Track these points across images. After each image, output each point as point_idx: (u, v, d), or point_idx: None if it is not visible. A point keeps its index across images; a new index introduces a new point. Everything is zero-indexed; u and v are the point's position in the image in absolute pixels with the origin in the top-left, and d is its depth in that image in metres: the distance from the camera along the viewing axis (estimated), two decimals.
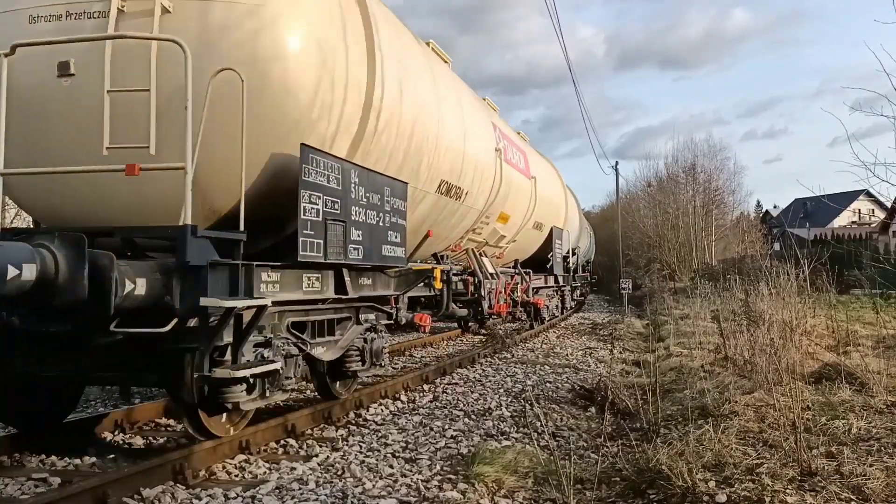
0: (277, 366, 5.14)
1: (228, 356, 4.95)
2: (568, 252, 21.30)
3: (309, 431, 6.44)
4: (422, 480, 4.86)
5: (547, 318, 18.67)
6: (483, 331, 16.45)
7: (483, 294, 12.06)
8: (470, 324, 16.17)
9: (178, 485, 4.72)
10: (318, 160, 5.45)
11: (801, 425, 4.66)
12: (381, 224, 6.74)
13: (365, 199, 6.36)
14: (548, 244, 18.19)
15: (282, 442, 5.99)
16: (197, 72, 4.58)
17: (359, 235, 6.24)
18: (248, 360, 5.01)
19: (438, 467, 5.23)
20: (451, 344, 14.68)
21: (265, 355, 5.18)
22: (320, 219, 5.49)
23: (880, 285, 14.24)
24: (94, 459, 5.42)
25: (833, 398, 6.06)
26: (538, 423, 6.37)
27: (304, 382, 9.30)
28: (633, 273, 37.67)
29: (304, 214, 5.30)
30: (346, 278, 6.41)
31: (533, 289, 16.81)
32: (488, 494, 4.55)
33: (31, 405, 5.66)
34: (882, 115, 6.49)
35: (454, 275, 11.01)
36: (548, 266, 18.75)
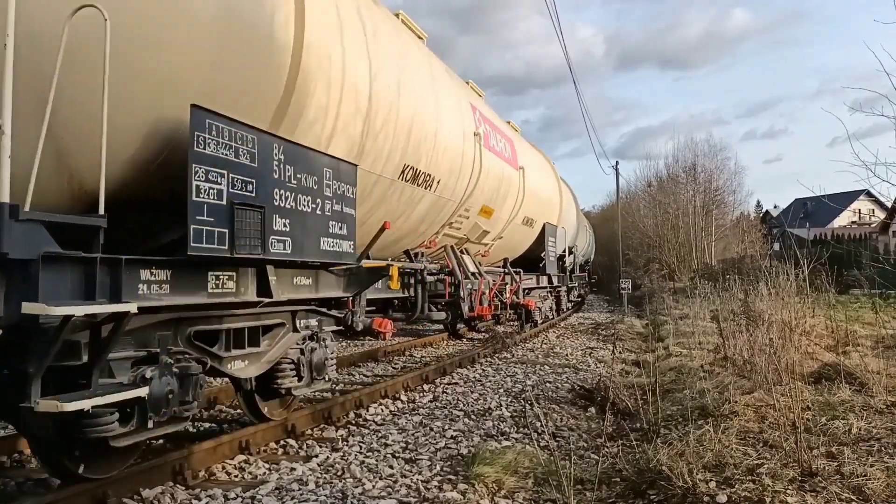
0: (137, 393, 4.00)
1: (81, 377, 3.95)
2: (564, 251, 20.57)
3: (309, 431, 6.44)
4: (422, 481, 4.86)
5: (539, 321, 17.54)
6: (474, 334, 15.96)
7: (462, 295, 11.13)
8: (459, 326, 15.61)
9: (177, 485, 4.73)
10: (220, 128, 4.36)
11: (801, 425, 4.66)
12: (318, 212, 5.54)
13: (295, 182, 5.20)
14: (540, 242, 17.22)
15: (281, 442, 5.99)
16: (44, 5, 3.57)
17: (285, 225, 5.08)
18: (121, 383, 4.08)
19: (438, 468, 5.23)
20: (451, 344, 14.68)
21: (147, 375, 4.20)
22: (224, 202, 4.39)
23: (880, 285, 14.24)
24: None
25: (833, 398, 6.06)
26: (538, 424, 6.37)
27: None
28: (632, 273, 37.70)
29: (197, 196, 4.19)
30: (271, 278, 5.32)
31: (524, 289, 15.95)
32: (488, 495, 4.55)
33: None
34: (882, 114, 6.50)
35: (430, 274, 10.14)
36: (540, 265, 17.83)
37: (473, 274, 11.89)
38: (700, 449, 4.53)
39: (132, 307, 3.82)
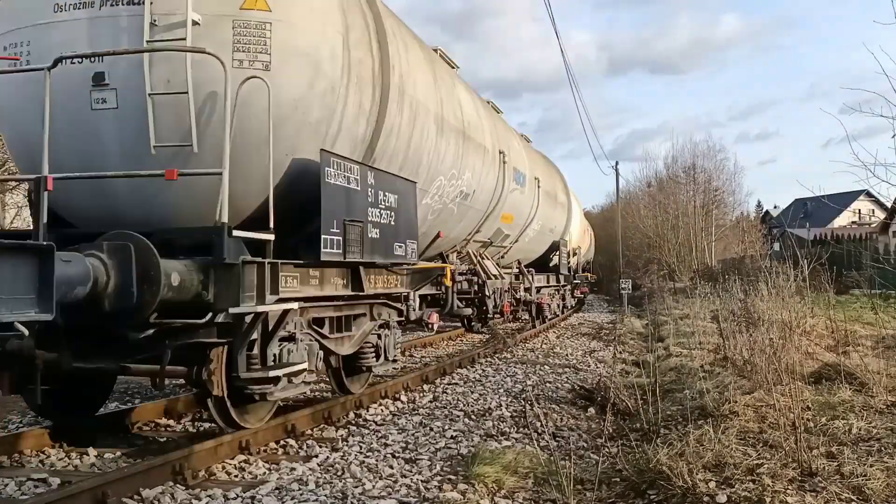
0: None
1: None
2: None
3: (309, 431, 6.43)
4: (422, 481, 4.86)
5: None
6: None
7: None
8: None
9: (177, 485, 4.72)
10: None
11: (801, 425, 4.66)
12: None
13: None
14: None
15: (281, 442, 5.99)
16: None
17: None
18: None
19: (438, 468, 5.23)
20: (452, 344, 14.69)
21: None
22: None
23: (880, 285, 14.25)
24: (93, 459, 5.43)
25: (833, 398, 6.06)
26: (538, 424, 6.37)
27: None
28: (632, 273, 37.70)
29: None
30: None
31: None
32: (488, 495, 4.55)
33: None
34: (881, 115, 6.49)
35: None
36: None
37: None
38: (700, 449, 4.53)
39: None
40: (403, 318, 8.08)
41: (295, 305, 5.38)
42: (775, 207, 74.00)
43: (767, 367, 6.60)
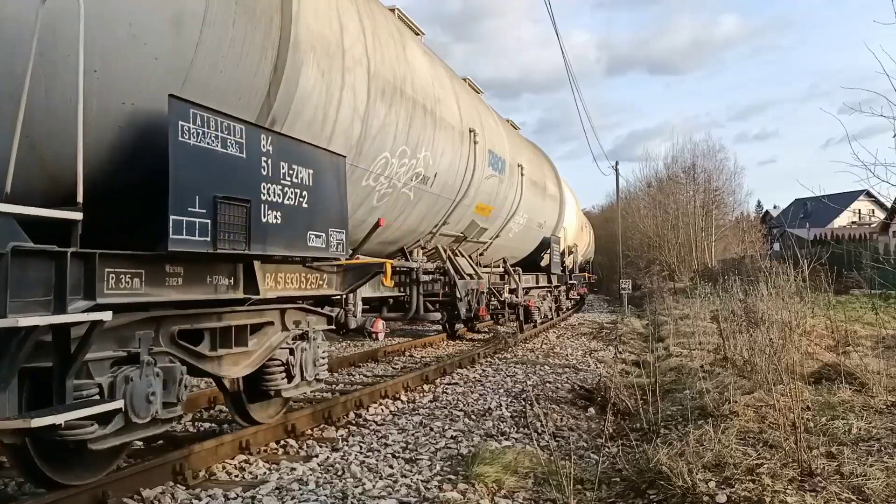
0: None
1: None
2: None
3: (309, 431, 6.44)
4: (422, 481, 4.86)
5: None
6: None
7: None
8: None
9: (178, 485, 4.73)
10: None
11: (801, 425, 4.66)
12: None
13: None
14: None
15: (282, 442, 5.99)
16: None
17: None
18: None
19: (438, 467, 5.23)
20: (452, 344, 14.68)
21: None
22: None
23: (880, 285, 14.25)
24: None
25: (833, 398, 6.06)
26: (538, 424, 6.38)
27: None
28: (632, 273, 37.72)
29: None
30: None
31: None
32: (488, 495, 4.55)
33: None
34: (882, 115, 6.50)
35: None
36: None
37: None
38: (700, 449, 4.53)
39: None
40: (334, 327, 6.80)
41: (106, 315, 3.64)
42: (775, 207, 74.06)
43: (767, 367, 6.60)
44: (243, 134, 4.57)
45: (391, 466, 5.26)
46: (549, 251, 17.55)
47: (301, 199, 5.19)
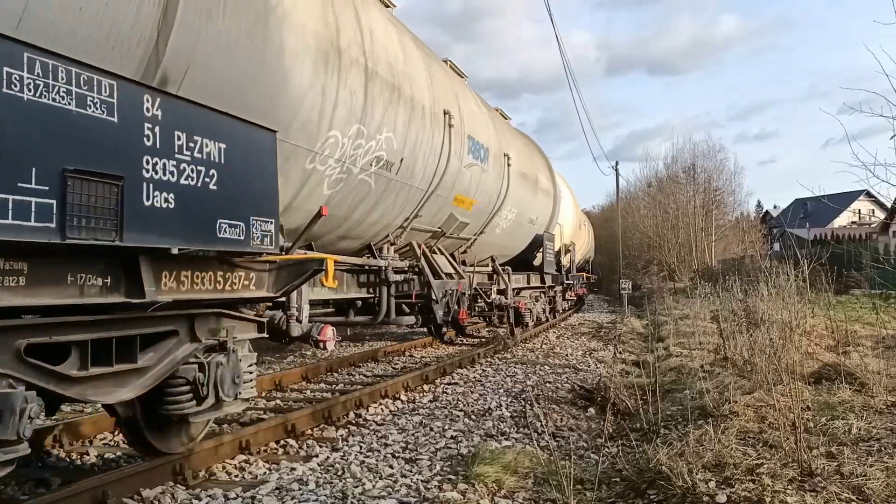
0: None
1: None
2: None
3: (309, 431, 6.44)
4: (422, 481, 4.86)
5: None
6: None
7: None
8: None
9: (178, 485, 4.73)
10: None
11: (801, 425, 4.66)
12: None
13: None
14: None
15: (282, 442, 6.00)
16: None
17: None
18: None
19: (438, 467, 5.23)
20: (451, 344, 14.67)
21: None
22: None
23: (880, 285, 14.26)
24: (94, 459, 5.43)
25: (833, 398, 6.06)
26: (538, 424, 6.37)
27: (303, 382, 9.32)
28: (632, 273, 37.73)
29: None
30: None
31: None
32: (488, 495, 4.55)
33: None
34: (881, 115, 6.50)
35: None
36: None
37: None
38: (700, 449, 4.53)
39: None
40: (268, 335, 5.65)
41: None
42: (775, 207, 74.08)
43: (767, 368, 6.60)
44: (114, 91, 3.55)
45: (391, 466, 5.26)
46: (542, 249, 16.58)
47: (207, 180, 4.10)
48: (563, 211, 19.91)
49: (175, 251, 3.89)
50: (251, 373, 5.04)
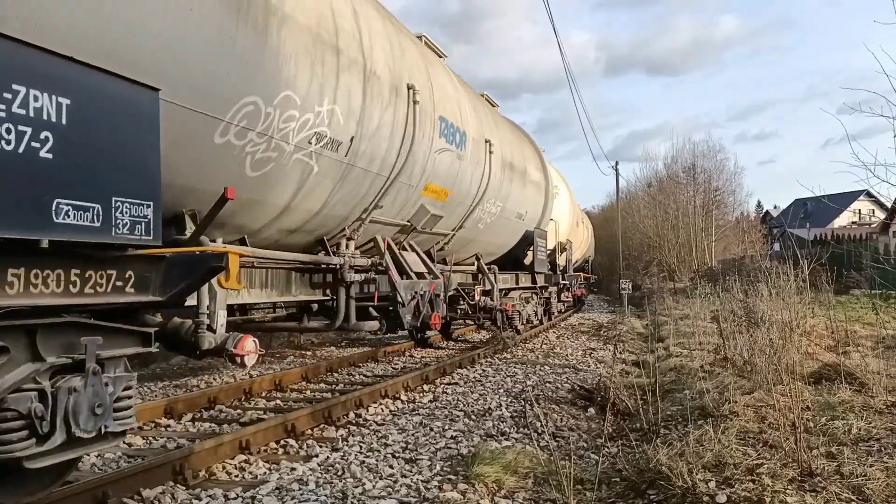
0: None
1: None
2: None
3: (309, 431, 6.44)
4: (422, 481, 4.86)
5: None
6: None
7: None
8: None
9: (178, 485, 4.73)
10: None
11: (801, 425, 4.66)
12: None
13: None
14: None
15: (282, 442, 6.00)
16: None
17: None
18: None
19: (438, 468, 5.23)
20: (452, 345, 14.68)
21: None
22: None
23: (880, 285, 14.26)
24: (94, 459, 5.43)
25: (833, 398, 6.06)
26: (538, 424, 6.38)
27: (303, 382, 9.31)
28: (632, 274, 37.75)
29: None
30: None
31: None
32: (488, 495, 4.55)
33: None
34: (881, 115, 6.50)
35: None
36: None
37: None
38: (700, 449, 4.53)
39: None
40: (158, 348, 4.34)
41: None
42: (775, 207, 74.12)
43: (767, 368, 6.60)
44: None
45: (391, 466, 5.26)
46: (532, 247, 15.45)
47: (36, 145, 3.02)
48: (557, 206, 18.70)
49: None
50: (129, 398, 3.79)
